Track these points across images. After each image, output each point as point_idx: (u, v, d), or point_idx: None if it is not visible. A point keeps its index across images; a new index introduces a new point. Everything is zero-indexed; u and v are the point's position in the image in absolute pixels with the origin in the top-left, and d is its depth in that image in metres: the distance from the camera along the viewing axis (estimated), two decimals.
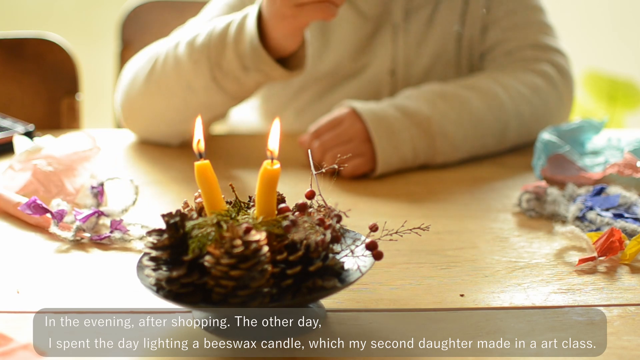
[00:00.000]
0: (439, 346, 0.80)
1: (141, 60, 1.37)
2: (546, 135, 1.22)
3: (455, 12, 1.46)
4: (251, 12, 1.26)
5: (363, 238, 0.84)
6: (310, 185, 0.85)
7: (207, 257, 0.77)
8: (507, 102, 1.35)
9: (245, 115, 1.60)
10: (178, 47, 1.31)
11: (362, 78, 1.47)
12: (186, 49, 1.29)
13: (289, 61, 1.29)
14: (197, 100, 1.31)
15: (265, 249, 0.77)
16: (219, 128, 1.83)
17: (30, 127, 1.36)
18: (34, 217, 1.04)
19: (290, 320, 0.83)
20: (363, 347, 0.80)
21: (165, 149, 1.39)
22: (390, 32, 1.45)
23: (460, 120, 1.31)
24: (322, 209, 0.83)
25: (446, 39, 1.47)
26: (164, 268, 0.79)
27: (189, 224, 0.79)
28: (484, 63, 1.47)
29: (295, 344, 0.80)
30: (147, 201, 1.14)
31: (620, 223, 1.04)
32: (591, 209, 1.07)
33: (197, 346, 0.80)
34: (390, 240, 0.86)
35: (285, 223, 0.79)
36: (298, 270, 0.78)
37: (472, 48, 1.48)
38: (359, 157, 1.26)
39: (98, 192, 1.10)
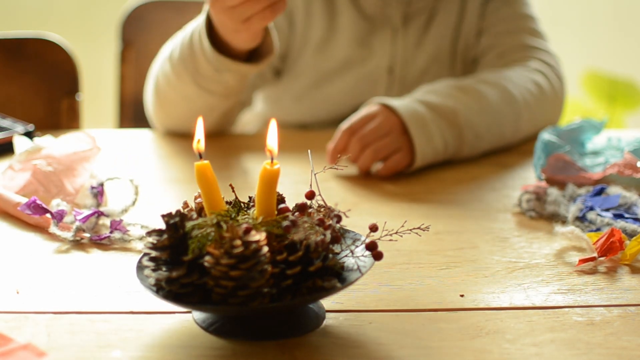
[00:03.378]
0: (439, 346, 0.80)
1: (152, 74, 1.45)
2: (546, 135, 1.22)
3: (450, 21, 1.53)
4: (201, 23, 1.30)
5: (363, 238, 0.84)
6: (310, 185, 0.85)
7: (207, 258, 0.77)
8: (516, 93, 1.40)
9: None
10: (164, 63, 1.39)
11: (360, 72, 1.52)
12: (169, 65, 1.37)
13: (258, 49, 1.32)
14: (197, 105, 1.37)
15: (265, 249, 0.77)
16: None
17: (30, 127, 1.36)
18: (33, 217, 1.04)
19: (290, 321, 0.83)
20: (363, 347, 0.80)
21: (164, 149, 1.39)
22: (389, 33, 1.51)
23: (481, 111, 1.34)
24: (322, 209, 0.83)
25: (442, 43, 1.53)
26: (164, 268, 0.79)
27: (188, 224, 0.79)
28: (478, 66, 1.54)
29: (295, 344, 0.80)
30: (147, 201, 1.14)
31: (620, 223, 1.04)
32: (591, 209, 1.07)
33: (197, 346, 0.80)
34: (390, 240, 0.86)
35: (285, 223, 0.79)
36: (298, 271, 0.78)
37: (467, 52, 1.55)
38: (399, 152, 1.27)
39: (98, 192, 1.10)
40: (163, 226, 0.79)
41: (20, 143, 1.17)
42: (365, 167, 1.27)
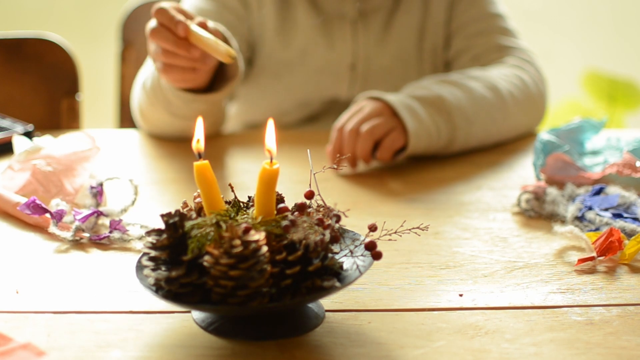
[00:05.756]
0: (438, 346, 0.80)
1: (134, 92, 1.46)
2: (545, 135, 1.22)
3: (413, 22, 1.54)
4: None
5: (362, 238, 0.84)
6: (310, 185, 0.85)
7: (206, 257, 0.77)
8: (498, 83, 1.41)
9: None
10: (141, 90, 1.40)
11: (321, 64, 1.53)
12: (144, 93, 1.39)
13: (225, 72, 1.32)
14: (177, 126, 1.38)
15: (265, 249, 0.77)
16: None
17: (30, 127, 1.36)
18: (33, 217, 1.04)
19: (290, 321, 0.83)
20: (363, 346, 0.80)
21: (164, 149, 1.39)
22: (349, 27, 1.52)
23: (466, 97, 1.36)
24: (321, 209, 0.83)
25: (406, 43, 1.54)
26: (163, 268, 0.79)
27: (188, 224, 0.79)
28: (452, 69, 1.54)
29: (295, 344, 0.80)
30: (147, 201, 1.14)
31: (619, 223, 1.04)
32: (590, 208, 1.07)
33: (197, 346, 0.80)
34: (389, 240, 0.86)
35: (284, 223, 0.79)
36: (297, 270, 0.78)
37: (436, 56, 1.56)
38: (393, 132, 1.28)
39: (97, 192, 1.10)
40: (162, 226, 0.79)
41: (20, 143, 1.17)
42: (365, 153, 1.26)
